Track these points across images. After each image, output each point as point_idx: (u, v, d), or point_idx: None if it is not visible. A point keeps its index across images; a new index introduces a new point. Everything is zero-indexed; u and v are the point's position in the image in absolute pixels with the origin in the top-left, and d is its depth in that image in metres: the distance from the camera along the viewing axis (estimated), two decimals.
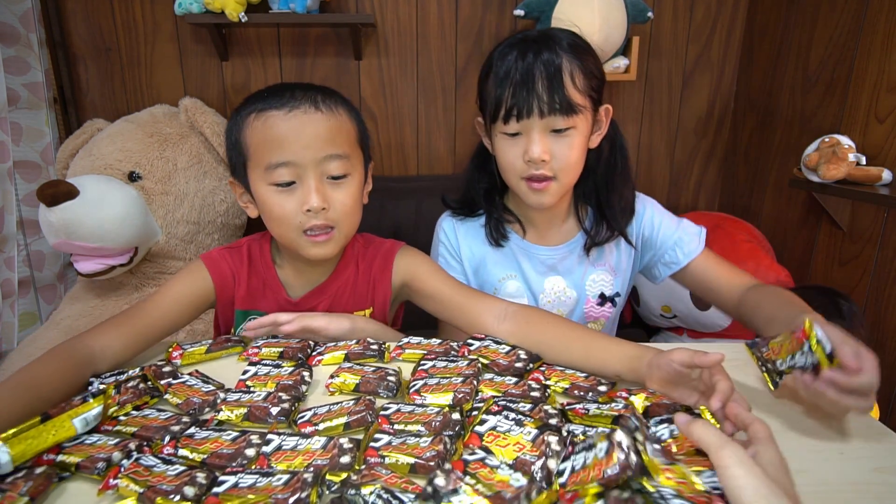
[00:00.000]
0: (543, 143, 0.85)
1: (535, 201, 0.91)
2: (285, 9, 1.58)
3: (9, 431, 0.49)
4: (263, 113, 0.79)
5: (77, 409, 0.54)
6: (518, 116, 0.84)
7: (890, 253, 1.27)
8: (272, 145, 0.78)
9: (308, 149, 0.78)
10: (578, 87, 0.84)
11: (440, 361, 0.71)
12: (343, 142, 0.82)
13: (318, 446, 0.54)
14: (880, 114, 1.31)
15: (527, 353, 0.75)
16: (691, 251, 0.96)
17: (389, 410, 0.61)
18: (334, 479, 0.50)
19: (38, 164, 1.64)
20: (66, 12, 1.71)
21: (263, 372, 0.70)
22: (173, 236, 1.53)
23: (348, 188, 0.82)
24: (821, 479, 0.54)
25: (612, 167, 0.97)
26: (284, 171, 0.79)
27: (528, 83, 0.82)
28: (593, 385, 0.67)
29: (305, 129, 0.79)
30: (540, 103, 0.83)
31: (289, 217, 0.80)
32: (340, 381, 0.68)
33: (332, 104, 0.82)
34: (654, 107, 1.90)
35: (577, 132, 0.86)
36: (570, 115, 0.84)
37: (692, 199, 2.00)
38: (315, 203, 0.78)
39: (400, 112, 1.85)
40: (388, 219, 1.62)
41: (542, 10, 1.54)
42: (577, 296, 1.01)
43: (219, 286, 0.88)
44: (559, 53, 0.83)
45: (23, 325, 1.61)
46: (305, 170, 0.79)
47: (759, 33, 1.77)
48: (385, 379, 0.68)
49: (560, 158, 0.86)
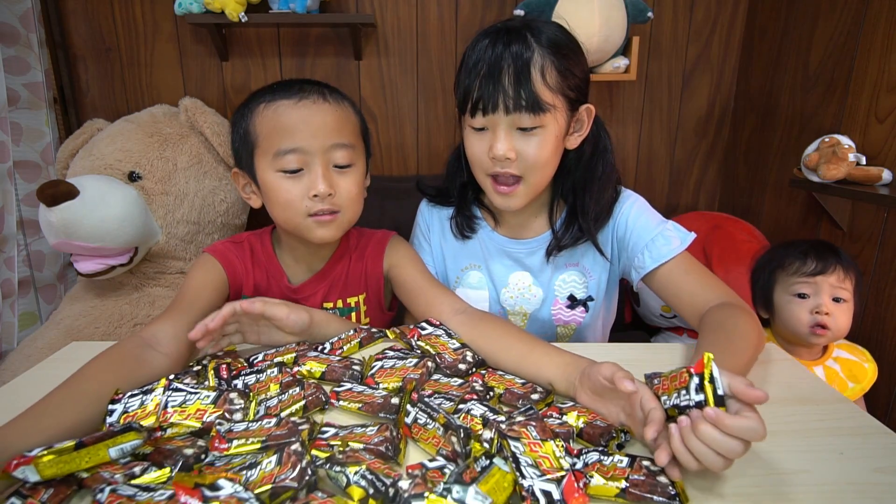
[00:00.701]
0: (508, 141, 0.81)
1: (500, 204, 0.88)
2: (285, 9, 1.58)
3: (43, 455, 0.48)
4: (273, 102, 0.82)
5: (116, 438, 0.52)
6: (484, 110, 0.80)
7: (890, 253, 1.27)
8: (282, 133, 0.81)
9: (316, 137, 0.81)
10: (549, 84, 0.79)
11: (388, 361, 0.72)
12: (349, 132, 0.85)
13: (273, 424, 0.57)
14: (880, 114, 1.31)
15: (473, 357, 0.73)
16: (661, 255, 0.87)
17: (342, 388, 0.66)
18: (320, 455, 0.52)
19: (38, 164, 1.64)
20: (66, 12, 1.71)
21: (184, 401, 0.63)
22: (173, 236, 1.53)
23: (353, 177, 0.85)
24: (821, 479, 0.54)
25: (591, 170, 0.91)
26: (293, 158, 0.81)
27: (494, 76, 0.78)
28: (527, 392, 0.66)
29: (314, 118, 0.81)
30: (506, 98, 0.78)
31: (295, 202, 0.82)
32: (307, 369, 0.70)
33: (339, 97, 0.86)
34: (654, 107, 1.90)
35: (546, 132, 0.81)
36: (538, 114, 0.79)
37: (692, 199, 2.00)
38: (322, 189, 0.81)
39: (400, 112, 1.85)
40: (388, 219, 1.62)
41: (541, 10, 1.54)
42: (543, 294, 0.98)
43: (230, 275, 0.90)
44: (532, 46, 0.78)
45: (23, 325, 1.61)
46: (313, 157, 0.81)
47: (759, 33, 1.77)
48: (350, 368, 0.71)
49: (526, 158, 0.82)
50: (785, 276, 1.19)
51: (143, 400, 0.60)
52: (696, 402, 0.50)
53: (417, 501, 0.44)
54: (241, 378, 0.68)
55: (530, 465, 0.47)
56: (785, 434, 0.62)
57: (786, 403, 0.69)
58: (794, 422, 0.65)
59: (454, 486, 0.45)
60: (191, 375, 0.68)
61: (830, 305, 1.15)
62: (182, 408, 0.60)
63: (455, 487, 0.45)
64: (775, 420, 0.65)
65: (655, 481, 0.50)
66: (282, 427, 0.56)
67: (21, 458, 0.47)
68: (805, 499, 0.52)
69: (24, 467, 0.47)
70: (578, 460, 0.52)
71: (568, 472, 0.47)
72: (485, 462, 0.50)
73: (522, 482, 0.46)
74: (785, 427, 0.63)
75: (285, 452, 0.50)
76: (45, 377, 0.75)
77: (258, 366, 0.71)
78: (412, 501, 0.44)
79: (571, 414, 0.60)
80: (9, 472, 0.47)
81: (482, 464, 0.49)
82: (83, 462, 0.49)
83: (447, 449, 0.53)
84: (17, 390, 0.72)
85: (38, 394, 0.70)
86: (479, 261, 1.00)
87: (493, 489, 0.46)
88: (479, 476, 0.47)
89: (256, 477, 0.48)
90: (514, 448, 0.49)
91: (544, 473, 0.47)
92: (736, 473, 0.55)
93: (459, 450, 0.53)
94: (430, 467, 0.50)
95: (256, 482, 0.47)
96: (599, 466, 0.51)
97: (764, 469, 0.56)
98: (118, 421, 0.58)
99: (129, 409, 0.59)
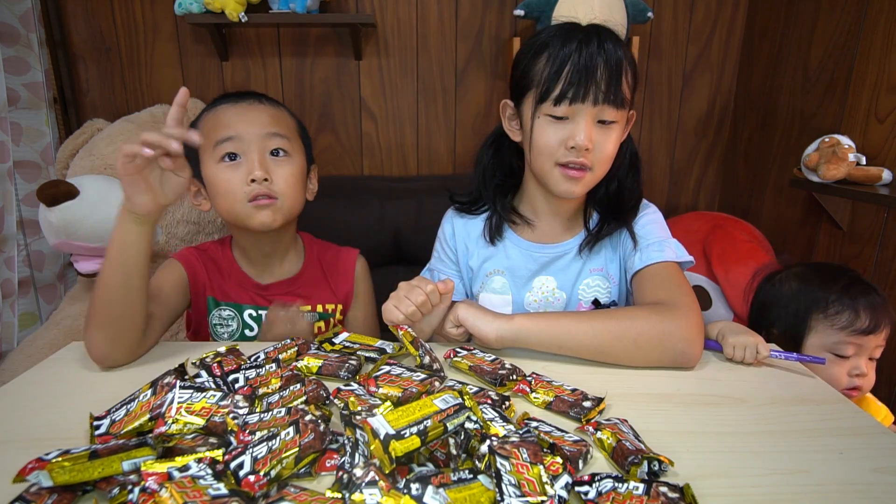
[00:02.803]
0: (590, 131, 0.85)
1: (565, 189, 0.90)
2: (285, 9, 1.58)
3: (58, 461, 0.48)
4: (214, 107, 0.93)
5: (130, 452, 0.52)
6: (573, 99, 0.83)
7: (890, 253, 1.27)
8: (219, 126, 0.90)
9: (251, 126, 0.90)
10: (629, 83, 0.86)
11: (396, 368, 0.71)
12: (284, 126, 0.94)
13: (283, 413, 0.59)
14: (880, 114, 1.31)
15: (511, 364, 0.75)
16: (648, 258, 0.90)
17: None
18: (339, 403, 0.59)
19: (38, 164, 1.64)
20: (66, 12, 1.71)
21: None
22: (173, 236, 1.53)
23: (289, 166, 0.92)
24: (821, 479, 0.54)
25: (626, 167, 0.97)
26: (229, 145, 0.89)
27: (590, 69, 0.82)
28: (578, 400, 0.66)
29: (249, 112, 0.91)
30: (597, 91, 0.83)
31: (234, 189, 0.89)
32: (304, 364, 0.72)
33: (275, 102, 0.96)
34: (654, 107, 1.90)
35: (618, 127, 0.88)
36: (620, 109, 0.85)
37: (692, 199, 2.00)
38: (258, 173, 0.88)
39: (400, 112, 1.85)
40: (388, 219, 1.62)
41: (541, 10, 1.55)
42: (567, 298, 0.99)
43: (191, 276, 0.96)
44: (620, 47, 0.85)
45: (23, 325, 1.61)
46: (249, 144, 0.89)
47: (759, 33, 1.77)
48: (346, 363, 0.74)
49: (600, 150, 0.87)
50: (827, 325, 0.96)
51: (129, 408, 0.61)
52: None
53: (370, 489, 0.45)
54: (242, 372, 0.68)
55: (512, 485, 0.46)
56: (785, 434, 0.62)
57: (786, 403, 0.69)
58: (794, 422, 0.65)
59: (414, 483, 0.46)
60: (175, 374, 0.66)
61: (867, 365, 0.97)
62: (188, 404, 0.60)
63: (415, 485, 0.46)
64: (775, 420, 0.65)
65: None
66: (293, 416, 0.57)
67: (36, 462, 0.48)
68: (805, 499, 0.52)
69: (38, 472, 0.47)
70: (591, 488, 0.50)
71: (550, 498, 0.46)
72: (467, 475, 0.49)
73: (500, 502, 0.45)
74: (785, 427, 0.63)
75: (301, 423, 0.53)
76: (45, 377, 0.75)
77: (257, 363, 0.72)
78: (365, 489, 0.45)
79: (606, 431, 0.59)
80: (23, 476, 0.47)
81: (462, 475, 0.49)
82: (95, 472, 0.49)
83: (443, 451, 0.53)
84: (17, 390, 0.71)
85: (38, 394, 0.70)
86: (503, 266, 1.01)
87: (465, 500, 0.45)
88: (453, 484, 0.47)
89: (279, 445, 0.51)
90: (500, 465, 0.48)
91: (525, 495, 0.45)
92: (736, 473, 0.55)
93: (455, 452, 0.53)
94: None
95: (280, 449, 0.51)
96: (614, 496, 0.49)
97: (764, 469, 0.56)
98: (107, 432, 0.58)
99: (116, 419, 0.60)
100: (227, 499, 0.45)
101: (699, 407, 0.68)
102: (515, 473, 0.47)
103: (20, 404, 0.68)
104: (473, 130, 1.87)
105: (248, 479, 0.48)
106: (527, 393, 0.68)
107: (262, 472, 0.49)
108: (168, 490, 0.45)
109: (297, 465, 0.51)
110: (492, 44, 1.79)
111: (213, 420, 0.58)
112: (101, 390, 0.71)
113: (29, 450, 0.55)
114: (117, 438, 0.57)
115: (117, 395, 0.65)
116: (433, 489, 0.46)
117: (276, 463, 0.49)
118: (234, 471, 0.49)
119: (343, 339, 0.82)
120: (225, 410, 0.59)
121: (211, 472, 0.48)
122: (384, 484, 0.46)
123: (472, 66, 1.81)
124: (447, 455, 0.53)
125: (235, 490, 0.46)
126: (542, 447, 0.54)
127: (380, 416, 0.52)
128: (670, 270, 0.89)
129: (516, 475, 0.47)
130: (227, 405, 0.59)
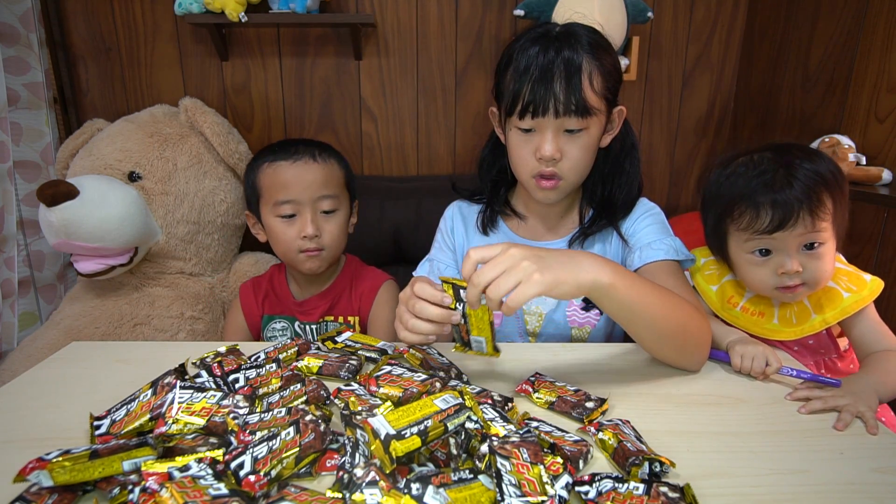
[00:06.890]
0: (555, 143, 0.85)
1: (541, 197, 0.92)
2: (285, 9, 1.58)
3: (58, 461, 0.48)
4: (274, 163, 1.06)
5: (130, 452, 0.52)
6: (533, 114, 0.84)
7: (890, 253, 1.27)
8: (279, 187, 1.05)
9: (306, 190, 1.04)
10: (595, 88, 0.84)
11: (398, 369, 0.71)
12: (334, 185, 1.09)
13: (284, 413, 0.59)
14: (880, 114, 1.31)
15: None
16: (647, 257, 0.90)
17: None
18: (339, 403, 0.61)
19: (38, 164, 1.64)
20: (66, 12, 1.71)
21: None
22: (173, 236, 1.53)
23: (336, 220, 1.09)
24: (821, 479, 0.54)
25: (619, 165, 0.96)
26: (287, 207, 1.05)
27: (547, 81, 0.82)
28: (581, 400, 0.66)
29: (305, 175, 1.05)
30: (556, 103, 0.82)
31: (289, 241, 1.06)
32: (304, 364, 0.73)
33: (327, 156, 1.09)
34: (654, 107, 1.90)
35: (588, 133, 0.86)
36: (585, 117, 0.84)
37: (692, 199, 1.99)
38: (310, 231, 1.04)
39: (400, 112, 1.85)
40: (388, 219, 1.62)
41: (542, 10, 1.55)
42: None
43: (247, 314, 1.17)
44: (580, 52, 0.83)
45: (23, 325, 1.61)
46: (304, 206, 1.05)
47: (759, 33, 1.77)
48: (347, 363, 0.74)
49: (570, 158, 0.87)
50: (734, 227, 0.87)
51: (129, 408, 0.61)
52: None
53: (371, 489, 0.45)
54: (242, 372, 0.68)
55: (513, 485, 0.46)
56: (785, 434, 0.62)
57: (786, 403, 0.69)
58: (795, 422, 0.65)
59: (414, 483, 0.46)
60: (175, 374, 0.66)
61: (800, 258, 0.83)
62: (189, 405, 0.60)
63: (415, 485, 0.46)
64: (775, 420, 0.65)
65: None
66: (294, 416, 0.57)
67: (37, 462, 0.48)
68: (805, 499, 0.52)
69: (38, 471, 0.47)
70: (591, 488, 0.50)
71: (550, 498, 0.46)
72: (467, 475, 0.49)
73: (501, 502, 0.45)
74: (785, 427, 0.63)
75: (301, 423, 0.54)
76: (45, 377, 0.75)
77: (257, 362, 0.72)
78: (365, 489, 0.45)
79: (608, 432, 0.59)
80: (23, 476, 0.47)
81: (463, 475, 0.49)
82: (96, 472, 0.49)
83: (443, 451, 0.53)
84: (17, 390, 0.72)
85: (38, 394, 0.70)
86: None
87: (466, 500, 0.46)
88: (453, 484, 0.47)
89: (279, 445, 0.51)
90: (501, 465, 0.48)
91: (525, 495, 0.45)
92: (736, 473, 0.55)
93: (455, 452, 0.53)
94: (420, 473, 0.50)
95: (281, 449, 0.51)
96: (615, 496, 0.49)
97: (764, 469, 0.56)
98: (107, 432, 0.58)
99: (117, 419, 0.60)
100: (228, 499, 0.45)
101: (699, 407, 0.68)
102: (516, 473, 0.47)
103: (20, 404, 0.68)
104: (473, 130, 1.87)
105: (249, 478, 0.48)
106: (529, 393, 0.69)
107: (263, 471, 0.49)
108: (168, 490, 0.45)
109: (297, 465, 0.51)
110: (492, 44, 1.79)
111: (214, 420, 0.58)
112: (102, 390, 0.71)
113: (29, 450, 0.55)
114: (118, 438, 0.57)
115: (117, 395, 0.65)
116: (433, 489, 0.46)
117: (276, 463, 0.49)
118: (235, 471, 0.49)
119: (345, 339, 0.83)
120: (225, 410, 0.59)
121: (211, 472, 0.48)
122: (385, 484, 0.46)
123: (472, 67, 1.81)
124: (448, 455, 0.53)
125: (236, 490, 0.46)
126: (543, 447, 0.54)
127: (380, 416, 0.52)
128: (671, 269, 0.90)
129: (517, 475, 0.47)
130: (227, 405, 0.59)
